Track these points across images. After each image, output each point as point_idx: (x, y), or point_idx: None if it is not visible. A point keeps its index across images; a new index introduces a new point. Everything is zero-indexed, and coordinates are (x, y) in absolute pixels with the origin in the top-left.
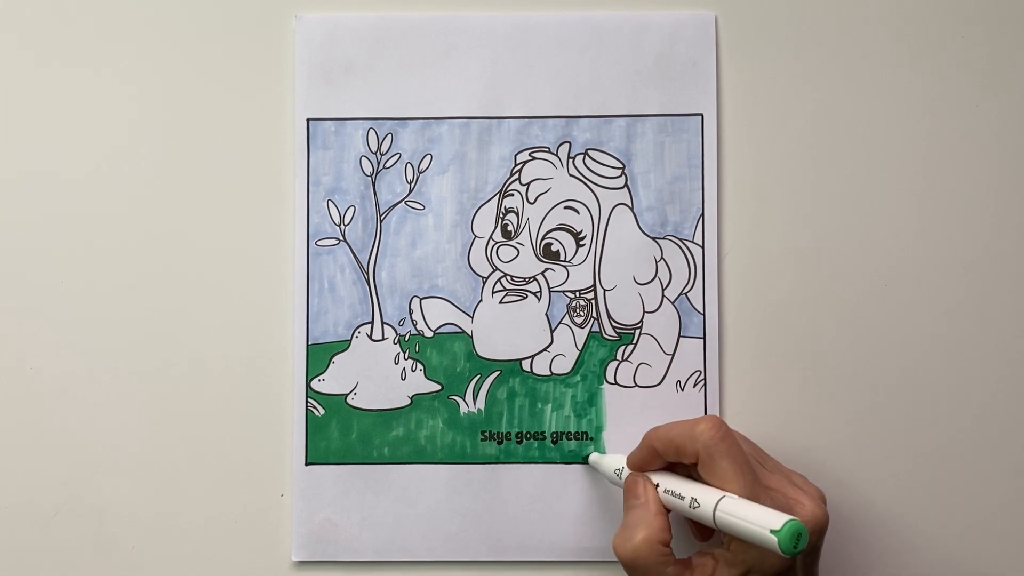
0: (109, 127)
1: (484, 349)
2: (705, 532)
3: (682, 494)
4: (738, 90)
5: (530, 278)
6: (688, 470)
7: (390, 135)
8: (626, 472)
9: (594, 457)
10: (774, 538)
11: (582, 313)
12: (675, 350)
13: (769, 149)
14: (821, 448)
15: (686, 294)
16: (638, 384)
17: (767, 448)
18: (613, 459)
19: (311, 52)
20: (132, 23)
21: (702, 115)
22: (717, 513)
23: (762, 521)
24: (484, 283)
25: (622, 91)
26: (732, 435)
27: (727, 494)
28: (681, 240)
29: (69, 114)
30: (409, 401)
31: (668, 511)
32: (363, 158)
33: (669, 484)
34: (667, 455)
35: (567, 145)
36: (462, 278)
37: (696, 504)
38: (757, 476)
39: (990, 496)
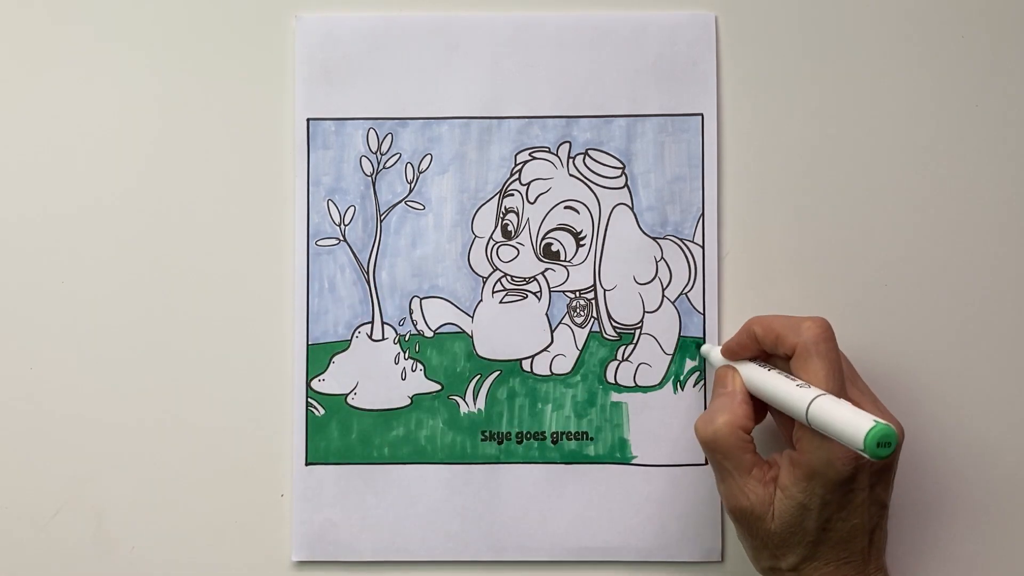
0: (109, 127)
1: (484, 349)
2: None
3: (793, 377)
4: (738, 90)
5: (530, 278)
6: (782, 365)
7: (390, 135)
8: (721, 360)
9: (706, 348)
10: (868, 426)
11: (582, 313)
12: (675, 350)
13: (769, 149)
14: None
15: (686, 294)
16: (638, 384)
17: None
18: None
19: (311, 52)
20: (132, 24)
21: (702, 115)
22: (820, 398)
23: (863, 414)
24: (484, 283)
25: (622, 91)
26: (834, 340)
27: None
28: (681, 240)
29: (69, 114)
30: (409, 401)
31: (761, 415)
32: (363, 158)
33: (779, 368)
34: (765, 342)
35: (567, 145)
36: (462, 278)
37: (805, 385)
38: (844, 388)
39: (993, 497)
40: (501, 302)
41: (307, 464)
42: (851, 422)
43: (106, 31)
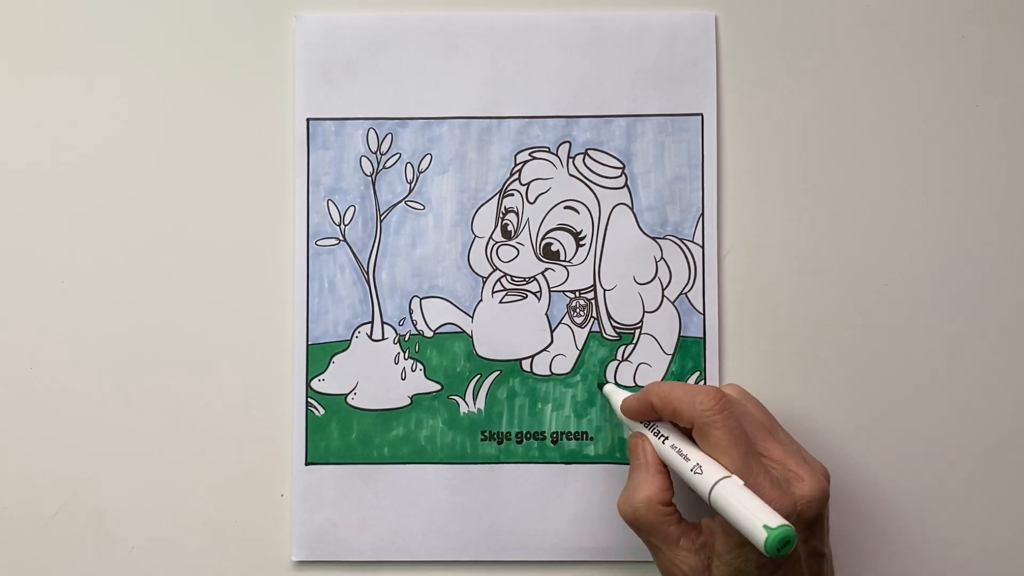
0: (109, 128)
1: (484, 349)
2: None
3: (688, 455)
4: (738, 90)
5: (530, 278)
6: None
7: (390, 135)
8: (625, 419)
9: (608, 389)
10: (764, 535)
11: (582, 313)
12: (675, 350)
13: (769, 149)
14: (821, 447)
15: (686, 294)
16: (638, 384)
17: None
18: (621, 395)
19: (311, 52)
20: (132, 24)
21: (702, 115)
22: (715, 490)
23: (758, 515)
24: (484, 283)
25: (622, 91)
26: (731, 408)
27: (730, 475)
28: (681, 240)
29: (69, 115)
30: (409, 401)
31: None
32: (363, 158)
33: (678, 443)
34: (663, 414)
35: (567, 145)
36: (462, 278)
37: (699, 471)
38: (752, 450)
39: (992, 495)
40: (501, 302)
41: (307, 464)
42: (749, 528)
43: (105, 31)
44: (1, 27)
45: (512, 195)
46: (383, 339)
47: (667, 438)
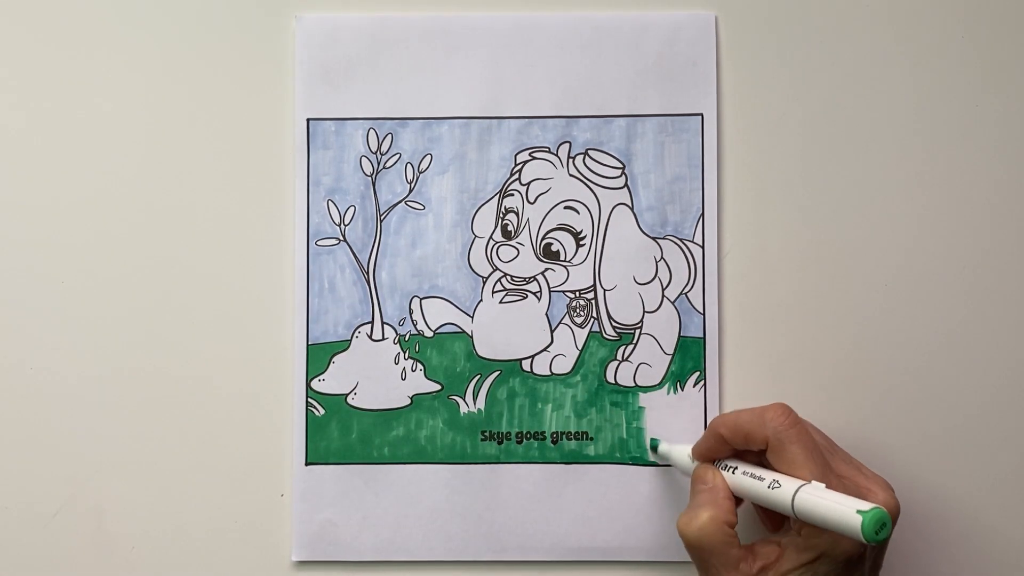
0: (109, 127)
1: (484, 349)
2: (775, 522)
3: (762, 476)
4: (738, 90)
5: (530, 278)
6: (756, 458)
7: (390, 135)
8: (695, 462)
9: (664, 447)
10: (858, 519)
11: (582, 313)
12: (675, 350)
13: (769, 149)
14: None
15: (686, 294)
16: (638, 384)
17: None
18: (682, 448)
19: (311, 52)
20: (132, 23)
21: (702, 115)
22: (798, 495)
23: (848, 504)
24: (484, 283)
25: (622, 91)
26: (801, 422)
27: (809, 481)
28: (681, 240)
29: (70, 114)
30: (409, 401)
31: (739, 501)
32: (363, 158)
33: (748, 467)
34: (735, 442)
35: (567, 145)
36: (462, 278)
37: (776, 484)
38: (828, 463)
39: (989, 492)
40: (501, 302)
41: (307, 464)
42: (840, 519)
43: (106, 30)
44: (3, 31)
45: (512, 195)
46: (383, 339)
47: (736, 468)
